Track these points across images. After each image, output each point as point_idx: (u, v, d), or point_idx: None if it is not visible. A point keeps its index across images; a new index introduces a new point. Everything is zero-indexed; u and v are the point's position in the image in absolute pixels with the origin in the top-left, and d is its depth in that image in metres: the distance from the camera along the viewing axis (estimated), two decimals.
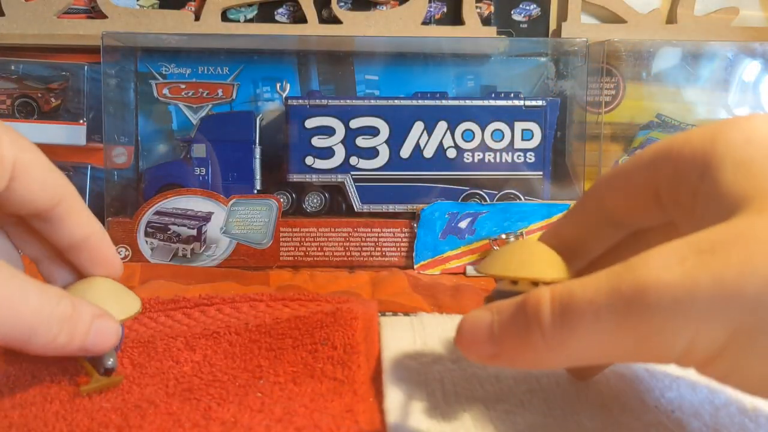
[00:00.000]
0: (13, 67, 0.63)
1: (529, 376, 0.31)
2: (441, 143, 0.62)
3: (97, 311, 0.30)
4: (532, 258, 0.28)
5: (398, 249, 0.60)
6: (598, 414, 0.29)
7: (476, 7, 0.68)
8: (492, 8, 0.69)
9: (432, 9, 0.68)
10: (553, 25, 0.70)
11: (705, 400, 0.30)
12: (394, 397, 0.29)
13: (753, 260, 0.19)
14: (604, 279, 0.21)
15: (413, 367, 0.33)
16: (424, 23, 0.67)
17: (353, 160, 0.62)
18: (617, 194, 0.28)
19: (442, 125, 0.62)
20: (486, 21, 0.69)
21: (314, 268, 0.59)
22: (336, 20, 0.67)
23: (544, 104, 0.62)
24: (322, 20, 0.67)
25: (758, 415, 0.29)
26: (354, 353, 0.33)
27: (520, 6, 0.69)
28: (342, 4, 0.68)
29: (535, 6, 0.69)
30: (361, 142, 0.62)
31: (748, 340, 0.19)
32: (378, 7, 0.68)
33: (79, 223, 0.32)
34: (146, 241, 0.59)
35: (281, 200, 0.60)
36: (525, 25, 0.70)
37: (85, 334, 0.28)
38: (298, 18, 0.68)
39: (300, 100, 0.61)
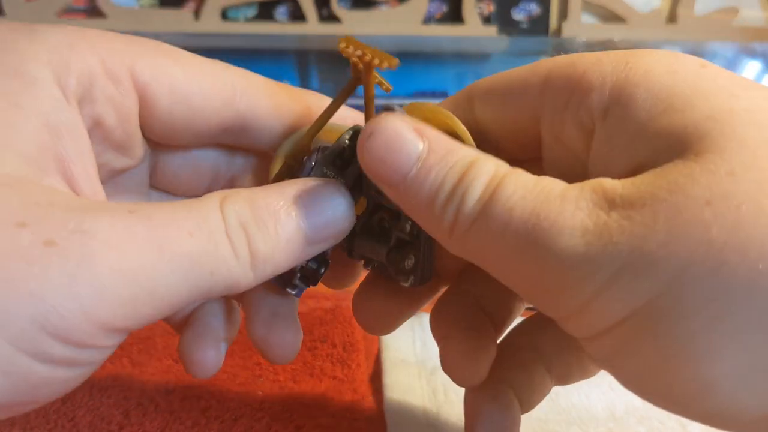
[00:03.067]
0: None
1: None
2: None
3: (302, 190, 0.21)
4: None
5: None
6: (601, 415, 0.29)
7: (476, 6, 0.68)
8: (492, 7, 0.69)
9: (432, 8, 0.68)
10: (553, 25, 0.70)
11: None
12: (393, 397, 0.29)
13: (685, 223, 0.15)
14: (530, 189, 0.17)
15: (413, 367, 0.33)
16: (425, 22, 0.67)
17: None
18: (491, 109, 0.23)
19: None
20: (486, 20, 0.69)
21: None
22: (336, 19, 0.67)
23: None
24: (322, 19, 0.67)
25: None
26: (353, 351, 0.33)
27: (521, 5, 0.69)
28: (342, 2, 0.68)
29: (535, 5, 0.70)
30: None
31: (649, 323, 0.16)
32: (378, 6, 0.68)
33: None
34: None
35: None
36: (525, 25, 0.70)
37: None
38: (298, 17, 0.68)
39: None
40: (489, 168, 0.18)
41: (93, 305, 0.16)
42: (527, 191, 0.17)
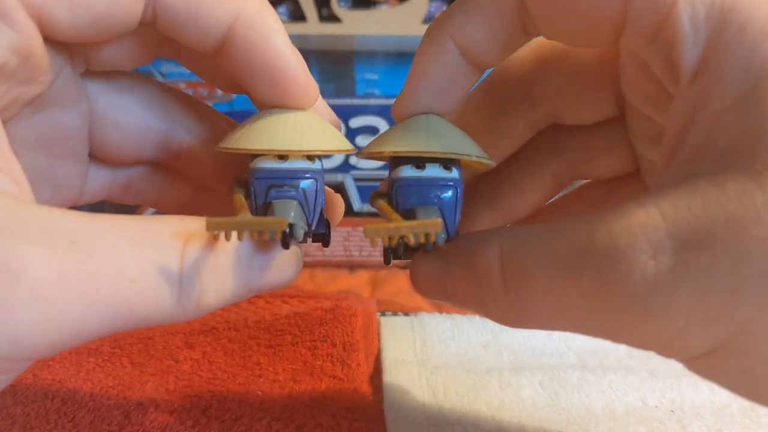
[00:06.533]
0: None
1: (532, 377, 0.31)
2: None
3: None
4: (441, 131, 0.22)
5: None
6: (601, 415, 0.29)
7: None
8: None
9: (432, 8, 0.68)
10: None
11: (706, 400, 0.30)
12: (393, 397, 0.29)
13: (753, 270, 0.15)
14: (564, 247, 0.17)
15: (413, 367, 0.33)
16: (425, 22, 0.67)
17: (353, 160, 0.62)
18: (551, 5, 0.19)
19: None
20: None
21: (314, 268, 0.59)
22: (336, 19, 0.67)
23: None
24: (322, 19, 0.67)
25: (759, 415, 0.29)
26: (353, 351, 0.33)
27: None
28: (342, 2, 0.68)
29: None
30: (361, 141, 0.61)
31: (736, 353, 0.16)
32: (378, 5, 0.68)
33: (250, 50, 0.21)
34: None
35: None
36: None
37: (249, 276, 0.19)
38: (298, 17, 0.67)
39: None
40: (491, 252, 0.19)
41: (5, 350, 0.16)
42: (555, 247, 0.17)
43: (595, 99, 0.24)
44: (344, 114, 0.61)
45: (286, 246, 0.20)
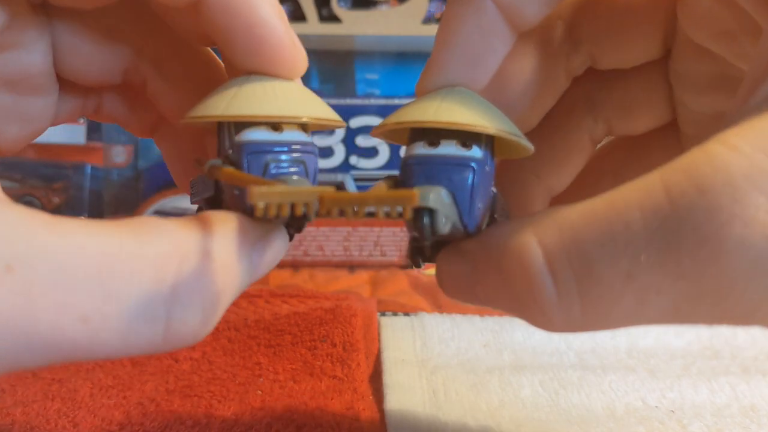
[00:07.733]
0: None
1: (532, 377, 0.31)
2: None
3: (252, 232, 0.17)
4: (461, 102, 0.19)
5: (398, 249, 0.60)
6: (601, 415, 0.29)
7: None
8: None
9: (432, 8, 0.68)
10: None
11: (706, 400, 0.30)
12: (394, 397, 0.29)
13: None
14: (640, 221, 0.14)
15: (413, 367, 0.33)
16: (425, 22, 0.67)
17: (353, 160, 0.62)
18: None
19: None
20: None
21: (314, 268, 0.59)
22: (336, 19, 0.67)
23: None
24: (322, 19, 0.67)
25: (759, 415, 0.29)
26: (353, 351, 0.33)
27: None
28: (342, 2, 0.68)
29: None
30: (361, 141, 0.61)
31: None
32: (378, 5, 0.68)
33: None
34: None
35: None
36: None
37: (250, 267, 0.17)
38: (298, 17, 0.67)
39: None
40: (526, 243, 0.16)
41: None
42: (627, 207, 0.14)
43: (642, 37, 0.22)
44: (344, 114, 0.61)
45: (299, 229, 0.18)
